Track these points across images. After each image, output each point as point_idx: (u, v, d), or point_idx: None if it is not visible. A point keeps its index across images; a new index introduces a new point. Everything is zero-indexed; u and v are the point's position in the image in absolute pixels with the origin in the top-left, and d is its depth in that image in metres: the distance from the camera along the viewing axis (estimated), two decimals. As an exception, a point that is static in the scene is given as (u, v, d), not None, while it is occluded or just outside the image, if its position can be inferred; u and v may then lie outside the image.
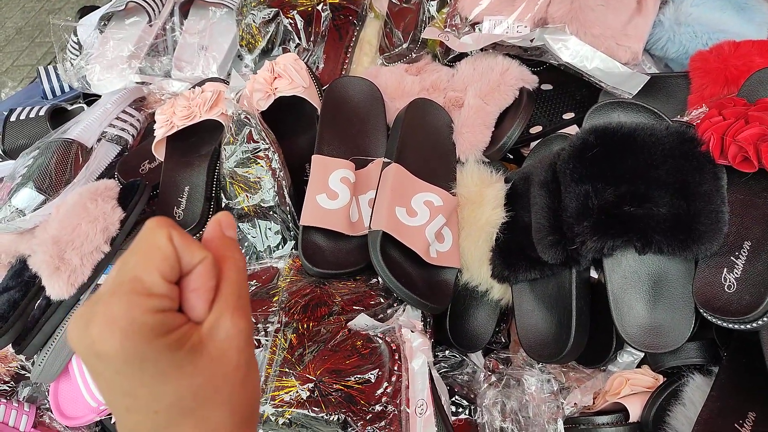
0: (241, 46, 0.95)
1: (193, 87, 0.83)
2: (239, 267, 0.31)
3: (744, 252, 0.56)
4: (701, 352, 0.63)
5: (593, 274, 0.68)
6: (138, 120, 0.89)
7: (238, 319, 0.29)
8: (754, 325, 0.54)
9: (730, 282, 0.56)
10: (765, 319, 0.53)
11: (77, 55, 1.08)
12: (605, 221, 0.58)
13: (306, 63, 0.86)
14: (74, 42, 1.14)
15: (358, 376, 0.57)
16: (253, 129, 0.73)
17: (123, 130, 0.86)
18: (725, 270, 0.57)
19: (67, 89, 1.13)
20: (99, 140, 0.83)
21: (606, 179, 0.59)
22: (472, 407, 0.70)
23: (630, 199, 0.58)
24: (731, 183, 0.59)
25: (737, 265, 0.56)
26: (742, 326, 0.55)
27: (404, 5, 0.91)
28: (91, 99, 1.06)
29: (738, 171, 0.58)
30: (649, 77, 0.72)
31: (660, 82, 0.75)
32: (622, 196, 0.58)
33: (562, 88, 0.83)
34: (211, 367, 0.28)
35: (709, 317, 0.56)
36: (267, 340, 0.62)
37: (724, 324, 0.55)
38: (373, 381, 0.57)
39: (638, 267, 0.62)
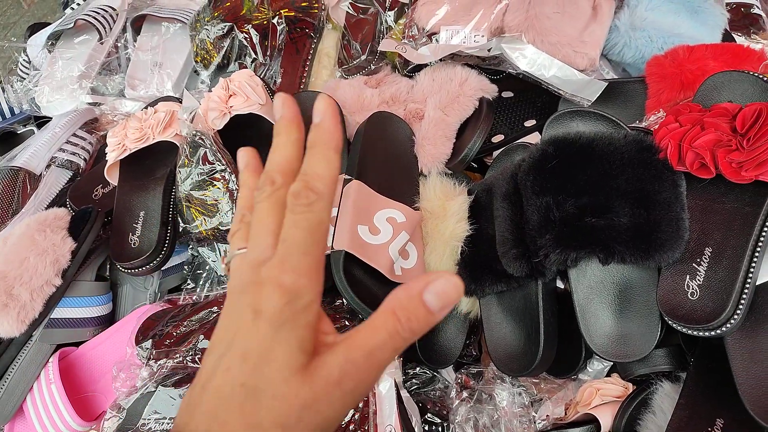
0: (196, 62, 0.92)
1: (146, 107, 0.81)
2: (393, 338, 0.28)
3: (705, 258, 0.56)
4: (669, 359, 0.63)
5: (559, 284, 0.68)
6: (90, 143, 0.86)
7: (347, 372, 0.28)
8: (718, 332, 0.54)
9: (693, 289, 0.56)
10: (728, 325, 0.53)
11: (28, 74, 1.04)
12: (567, 233, 0.57)
13: (263, 78, 0.84)
14: (25, 61, 1.10)
15: (324, 404, 0.55)
16: (207, 150, 0.70)
17: (74, 154, 0.83)
18: (688, 277, 0.57)
19: (18, 111, 1.09)
20: (48, 166, 0.80)
21: (566, 191, 0.58)
22: (445, 424, 0.69)
23: (591, 211, 0.57)
24: (690, 189, 0.59)
25: (699, 272, 0.56)
26: (707, 333, 0.55)
27: (361, 16, 0.89)
28: (43, 121, 1.02)
29: (696, 177, 0.58)
30: (606, 84, 0.72)
31: (618, 88, 0.75)
32: (583, 207, 0.57)
33: (523, 95, 0.83)
34: (297, 387, 0.27)
35: (673, 325, 0.56)
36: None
37: (689, 332, 0.55)
38: (339, 408, 0.55)
39: (603, 277, 0.62)
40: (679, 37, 0.74)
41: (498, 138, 0.80)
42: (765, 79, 0.58)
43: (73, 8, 1.15)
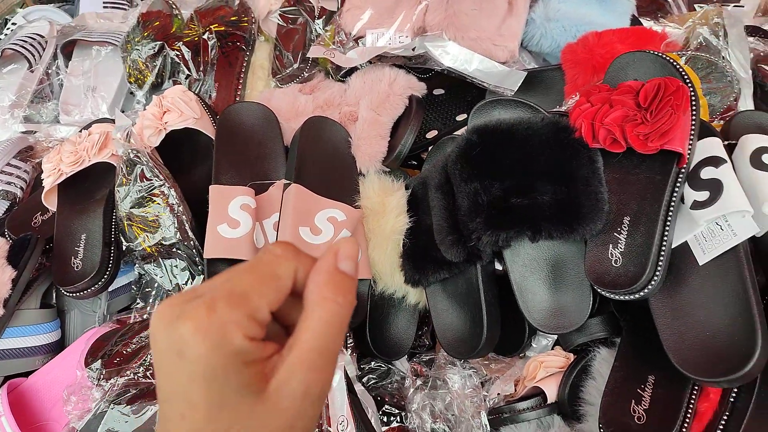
0: (130, 82, 0.92)
1: (80, 131, 0.80)
2: (336, 316, 0.28)
3: (625, 227, 0.60)
4: (603, 326, 0.66)
5: (498, 266, 0.71)
6: (25, 171, 0.85)
7: (309, 381, 0.27)
8: (642, 294, 0.57)
9: (616, 257, 0.59)
10: (650, 287, 0.57)
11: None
12: (496, 215, 0.60)
13: (197, 93, 0.85)
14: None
15: (276, 402, 0.56)
16: (144, 167, 0.71)
17: (9, 183, 0.82)
18: (611, 246, 0.60)
19: (-51, 147, 1.07)
20: (-17, 197, 0.79)
21: (492, 175, 0.61)
22: (403, 414, 0.71)
23: (516, 192, 0.60)
24: (606, 164, 0.63)
25: (620, 240, 0.60)
26: (632, 296, 0.58)
27: (291, 26, 0.91)
28: (-24, 154, 1.00)
29: (611, 152, 0.61)
30: (526, 73, 0.75)
31: (538, 76, 0.79)
32: (508, 189, 0.60)
33: (454, 92, 0.86)
34: (265, 417, 0.27)
35: (602, 292, 0.60)
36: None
37: (616, 297, 0.59)
38: (291, 405, 0.57)
39: (536, 254, 0.65)
40: (591, 24, 0.78)
41: (432, 133, 0.83)
42: (664, 56, 0.63)
43: (0, 39, 1.14)
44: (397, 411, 0.71)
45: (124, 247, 0.73)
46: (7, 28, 1.16)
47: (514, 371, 0.71)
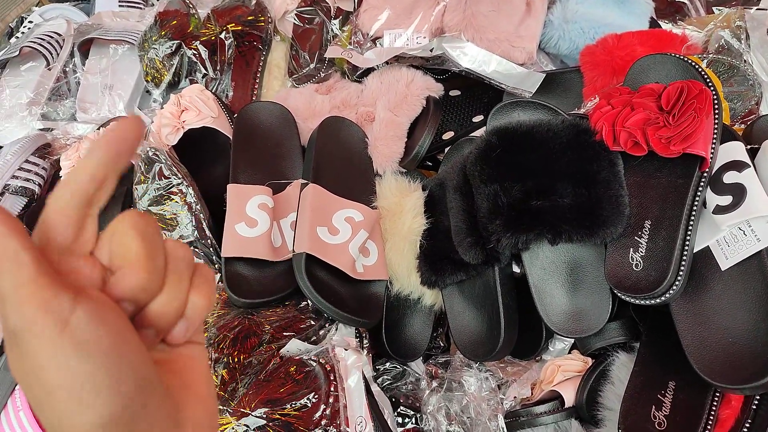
0: (146, 81, 0.93)
1: (98, 128, 0.81)
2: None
3: (646, 231, 0.60)
4: (623, 330, 0.65)
5: (516, 269, 0.70)
6: (44, 168, 0.86)
7: None
8: (663, 299, 0.57)
9: (636, 261, 0.59)
10: (671, 292, 0.57)
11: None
12: (515, 217, 0.60)
13: (214, 92, 0.85)
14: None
15: (294, 402, 0.56)
16: (163, 165, 0.71)
17: (28, 180, 0.83)
18: (631, 250, 0.60)
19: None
20: (2, 194, 0.79)
21: (512, 177, 0.61)
22: (418, 415, 0.71)
23: (536, 194, 0.60)
24: (627, 167, 0.62)
25: (641, 244, 0.59)
26: (653, 301, 0.58)
27: (307, 26, 0.91)
28: (-7, 151, 1.01)
29: (632, 156, 0.61)
30: (544, 75, 0.75)
31: (557, 78, 0.78)
32: (528, 191, 0.60)
33: (470, 93, 0.86)
34: None
35: (622, 296, 0.59)
36: (198, 380, 0.60)
37: (637, 301, 0.58)
38: (310, 405, 0.57)
39: (554, 257, 0.65)
40: (609, 26, 0.78)
41: (448, 135, 0.83)
42: (685, 59, 0.62)
43: (17, 37, 1.14)
44: (412, 412, 0.71)
45: (141, 245, 0.73)
46: (24, 26, 1.17)
47: (530, 374, 0.70)
